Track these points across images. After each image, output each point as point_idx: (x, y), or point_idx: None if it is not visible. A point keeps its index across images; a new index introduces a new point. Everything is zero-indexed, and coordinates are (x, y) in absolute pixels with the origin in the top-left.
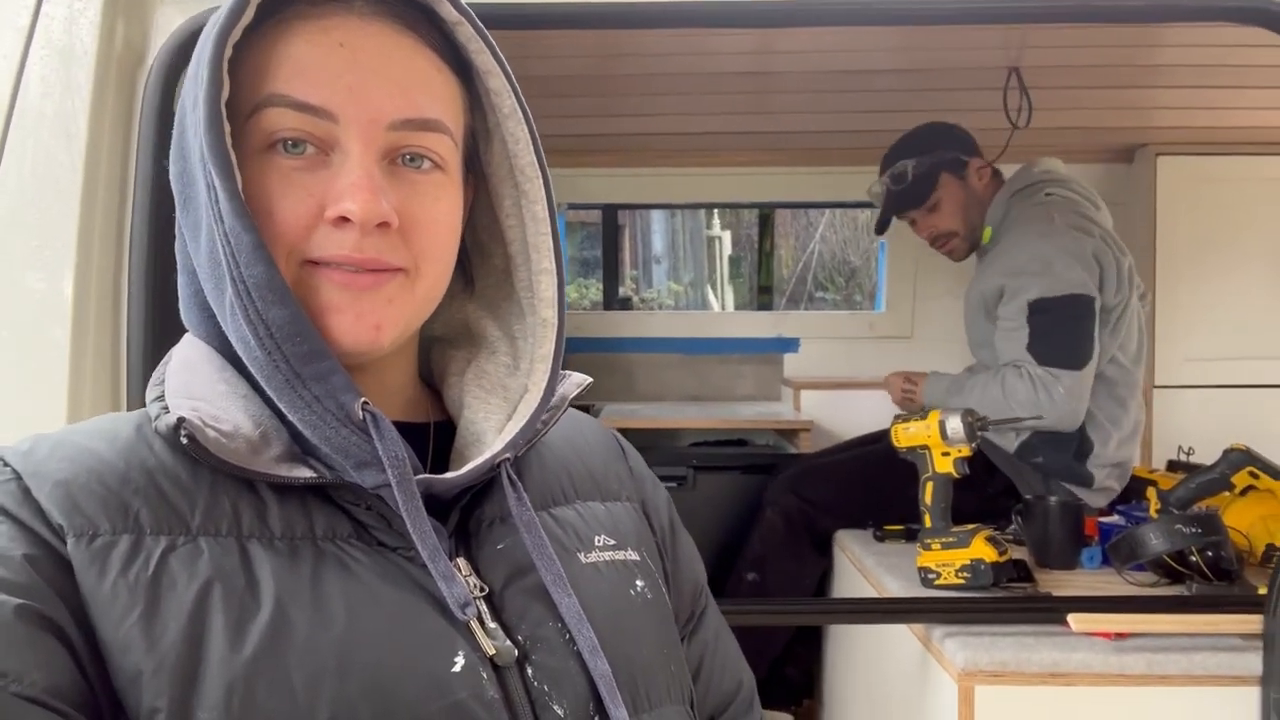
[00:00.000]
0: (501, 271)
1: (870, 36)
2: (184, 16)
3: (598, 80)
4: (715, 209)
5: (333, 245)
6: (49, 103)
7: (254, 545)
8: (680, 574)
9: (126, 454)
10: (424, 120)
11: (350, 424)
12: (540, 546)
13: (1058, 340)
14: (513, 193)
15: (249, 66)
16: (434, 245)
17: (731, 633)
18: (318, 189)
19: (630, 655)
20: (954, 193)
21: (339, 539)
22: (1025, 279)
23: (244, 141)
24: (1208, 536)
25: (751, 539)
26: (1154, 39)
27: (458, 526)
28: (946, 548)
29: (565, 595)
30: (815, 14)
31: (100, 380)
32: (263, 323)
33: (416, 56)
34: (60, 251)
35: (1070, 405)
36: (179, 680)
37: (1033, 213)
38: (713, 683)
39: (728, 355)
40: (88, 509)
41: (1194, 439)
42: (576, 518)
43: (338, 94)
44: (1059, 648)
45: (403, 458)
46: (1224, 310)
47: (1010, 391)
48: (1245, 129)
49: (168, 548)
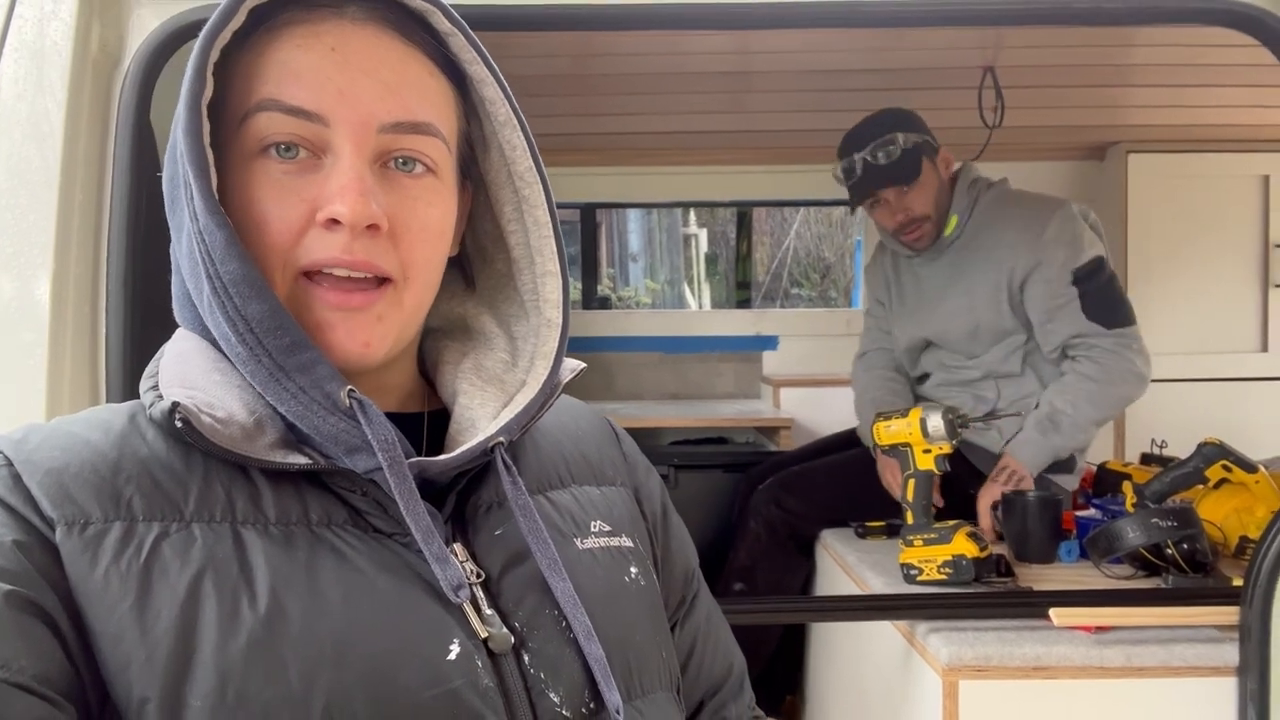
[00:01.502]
0: (503, 275)
1: (846, 37)
2: (160, 19)
3: (575, 79)
4: (691, 207)
5: (322, 248)
6: (22, 104)
7: (248, 531)
8: (671, 559)
9: (120, 443)
10: (415, 123)
11: (338, 411)
12: (535, 530)
13: (1112, 298)
14: (513, 198)
15: (241, 72)
16: (421, 252)
17: (723, 617)
18: (309, 193)
19: (624, 641)
20: (930, 178)
21: (334, 525)
22: (1060, 248)
23: (237, 147)
24: (1183, 530)
25: (737, 550)
26: (1126, 39)
27: (454, 512)
28: (928, 544)
29: (560, 580)
30: (792, 16)
31: (79, 386)
32: (241, 318)
33: (409, 61)
34: (35, 255)
35: (1148, 361)
36: (171, 668)
37: (1012, 195)
38: (704, 666)
39: (707, 353)
40: (79, 497)
41: (1165, 432)
42: (573, 502)
43: (328, 97)
44: (1041, 642)
45: (392, 440)
46: (1194, 305)
47: (1107, 372)
48: (1215, 127)
49: (160, 534)
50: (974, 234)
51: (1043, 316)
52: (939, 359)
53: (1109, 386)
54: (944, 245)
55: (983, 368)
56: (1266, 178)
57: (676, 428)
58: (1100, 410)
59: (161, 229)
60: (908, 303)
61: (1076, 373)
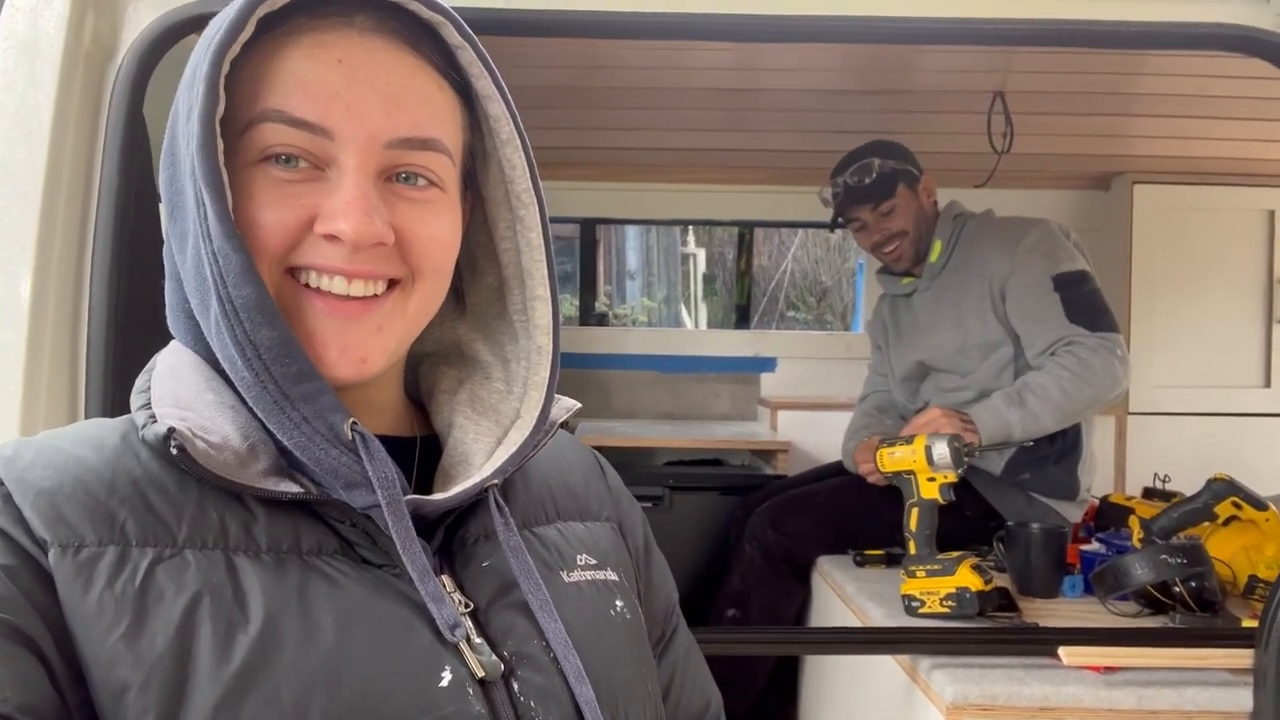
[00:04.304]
0: (494, 289)
1: (855, 56)
2: (157, 12)
3: (578, 92)
4: (690, 226)
5: (321, 256)
6: (10, 96)
7: (240, 558)
8: (653, 594)
9: (113, 462)
10: (423, 139)
11: (339, 444)
12: (527, 571)
13: (1096, 305)
14: (508, 216)
15: (246, 79)
16: (432, 259)
17: (700, 652)
18: (309, 200)
19: (611, 677)
20: (907, 202)
21: (325, 554)
22: (1037, 256)
23: (238, 154)
24: (1193, 567)
25: (731, 575)
26: (1135, 68)
27: (442, 544)
28: (931, 575)
29: (551, 621)
30: (797, 30)
31: (56, 390)
32: (251, 344)
33: (417, 74)
34: (17, 253)
35: (1128, 370)
36: (166, 694)
37: (995, 219)
38: (681, 702)
39: (704, 374)
40: (73, 519)
41: (1165, 466)
42: (559, 537)
43: (334, 111)
44: (1048, 681)
45: (392, 478)
46: (1197, 338)
47: (1086, 368)
48: (1221, 159)
49: (155, 559)
50: (961, 258)
51: (1026, 322)
52: (936, 383)
53: (1084, 383)
54: (933, 272)
55: (976, 386)
56: (1272, 212)
57: (672, 448)
58: (1069, 401)
59: (150, 230)
60: (904, 335)
61: (1056, 363)
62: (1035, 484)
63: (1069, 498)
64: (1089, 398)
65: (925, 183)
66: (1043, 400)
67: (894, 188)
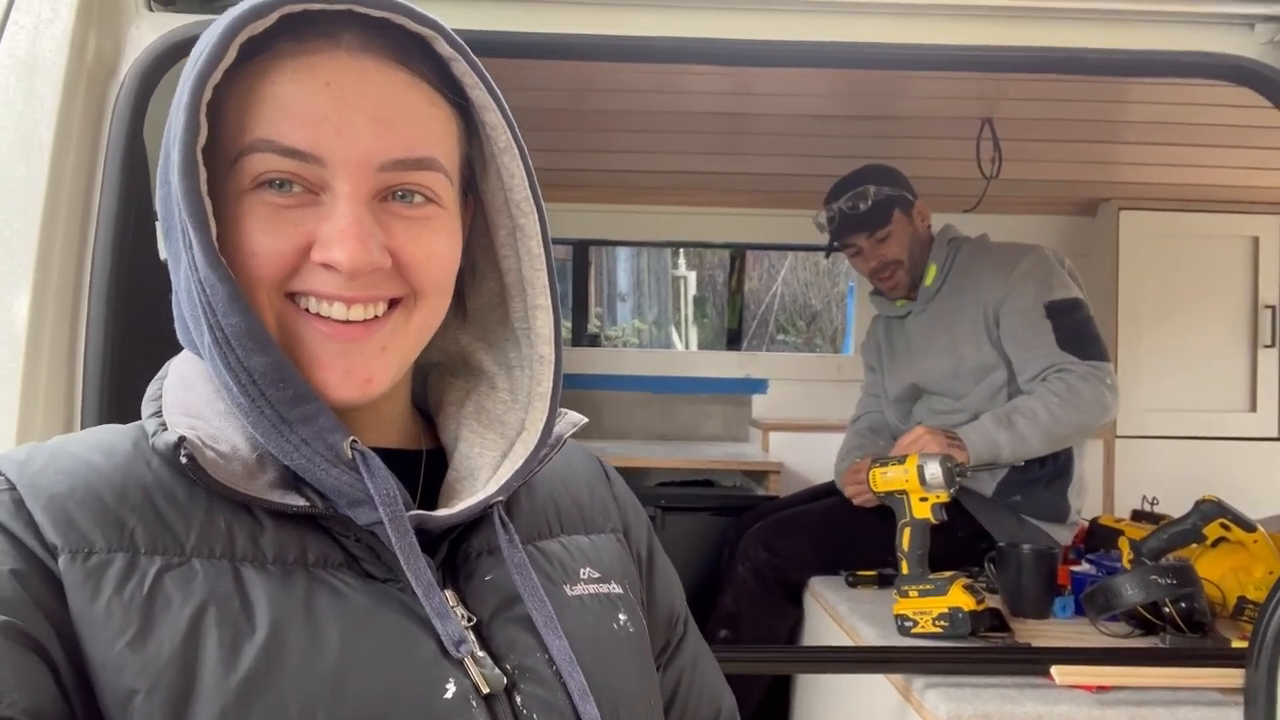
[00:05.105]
0: (495, 295)
1: (846, 82)
2: (160, 31)
3: (571, 115)
4: (681, 248)
5: (319, 283)
6: (9, 114)
7: (247, 569)
8: (656, 602)
9: (124, 469)
10: (416, 159)
11: (340, 464)
12: (531, 588)
13: (1088, 334)
14: (508, 223)
15: (233, 106)
16: (431, 277)
17: (712, 658)
18: (305, 226)
19: (614, 691)
20: (903, 228)
21: (330, 567)
22: (1030, 283)
23: (230, 183)
24: (1182, 588)
25: (724, 596)
26: (1122, 95)
27: (445, 557)
28: (924, 595)
29: (556, 638)
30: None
31: (52, 409)
32: (244, 370)
33: (409, 92)
34: (16, 271)
35: (1118, 398)
36: (172, 701)
37: (990, 244)
38: (688, 710)
39: (696, 395)
40: (83, 524)
41: (1153, 488)
42: (562, 550)
43: (324, 136)
44: (1041, 700)
45: (394, 495)
46: (1183, 363)
47: (1075, 394)
48: (1207, 186)
49: (163, 567)
50: (955, 282)
51: (1017, 348)
52: (929, 406)
53: (1072, 409)
54: (928, 296)
55: (969, 409)
56: (1256, 239)
57: (663, 468)
58: (1057, 425)
59: (149, 249)
60: (897, 357)
61: (1046, 388)
62: (1026, 506)
63: (1059, 520)
64: (1076, 424)
65: (919, 208)
66: (1031, 423)
67: (889, 214)
